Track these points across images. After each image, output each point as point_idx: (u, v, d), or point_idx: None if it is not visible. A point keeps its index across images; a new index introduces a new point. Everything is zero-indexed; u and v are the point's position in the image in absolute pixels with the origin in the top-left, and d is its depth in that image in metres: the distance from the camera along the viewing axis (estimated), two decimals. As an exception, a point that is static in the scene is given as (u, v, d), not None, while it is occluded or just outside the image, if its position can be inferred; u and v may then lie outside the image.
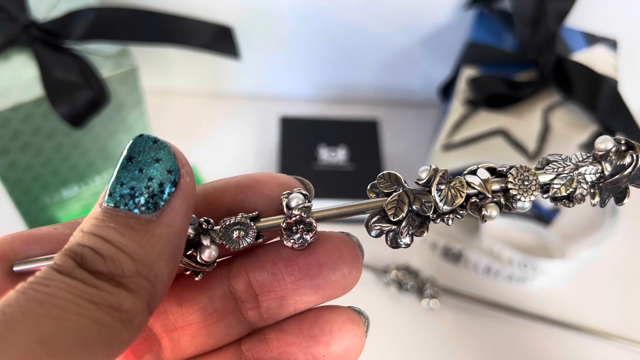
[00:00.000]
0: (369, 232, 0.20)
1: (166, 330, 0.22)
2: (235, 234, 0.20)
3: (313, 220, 0.20)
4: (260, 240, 0.21)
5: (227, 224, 0.20)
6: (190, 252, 0.20)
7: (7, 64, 0.44)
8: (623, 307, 0.53)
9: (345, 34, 0.62)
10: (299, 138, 0.59)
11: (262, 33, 0.61)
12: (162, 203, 0.18)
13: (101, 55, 0.45)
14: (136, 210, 0.17)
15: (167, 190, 0.18)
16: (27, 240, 0.20)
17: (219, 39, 0.47)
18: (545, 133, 0.48)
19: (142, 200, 0.17)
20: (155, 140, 0.18)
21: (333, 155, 0.58)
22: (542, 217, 0.56)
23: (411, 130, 0.66)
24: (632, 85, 0.55)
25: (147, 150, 0.18)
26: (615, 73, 0.51)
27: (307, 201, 0.20)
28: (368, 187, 0.21)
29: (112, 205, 0.18)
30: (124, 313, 0.16)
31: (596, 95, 0.48)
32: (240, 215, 0.20)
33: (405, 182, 0.21)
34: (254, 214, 0.20)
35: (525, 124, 0.49)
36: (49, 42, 0.44)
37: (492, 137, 0.51)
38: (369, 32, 0.61)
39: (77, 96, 0.43)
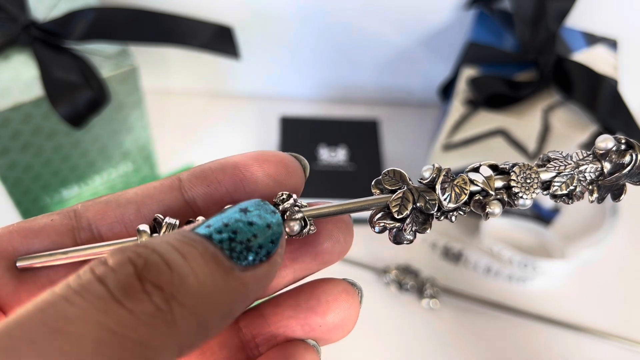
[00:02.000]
0: (373, 227, 0.21)
1: None
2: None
3: (308, 221, 0.20)
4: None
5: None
6: None
7: (7, 64, 0.44)
8: (623, 307, 0.53)
9: (346, 34, 0.62)
10: (299, 138, 0.59)
11: (262, 33, 0.61)
12: (251, 262, 0.17)
13: (101, 55, 0.45)
14: (227, 252, 0.16)
15: (262, 254, 0.17)
16: (25, 234, 0.20)
17: (219, 39, 0.47)
18: (545, 133, 0.48)
19: (238, 247, 0.16)
20: (274, 212, 0.18)
21: (333, 155, 0.58)
22: (542, 217, 0.56)
23: (411, 130, 0.66)
24: (632, 85, 0.55)
25: (263, 213, 0.18)
26: (615, 73, 0.51)
27: (295, 204, 0.20)
28: (373, 183, 0.21)
29: (207, 235, 0.16)
30: (149, 351, 0.13)
31: (596, 95, 0.48)
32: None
33: (410, 180, 0.21)
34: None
35: (525, 124, 0.49)
36: (49, 42, 0.44)
37: (492, 137, 0.51)
38: (369, 32, 0.61)
39: (77, 96, 0.43)
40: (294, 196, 0.20)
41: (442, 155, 0.54)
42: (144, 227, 0.19)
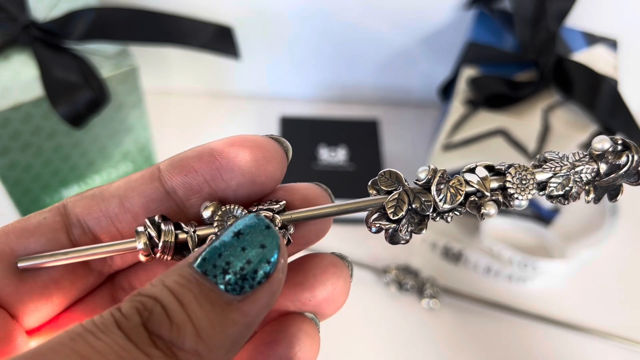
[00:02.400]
0: (369, 228, 0.21)
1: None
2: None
3: (287, 230, 0.20)
4: None
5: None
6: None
7: (7, 64, 0.44)
8: (623, 307, 0.53)
9: (346, 34, 0.62)
10: (299, 138, 0.59)
11: (262, 33, 0.61)
12: (248, 290, 0.17)
13: (101, 55, 0.45)
14: (222, 287, 0.17)
15: (257, 279, 0.17)
16: (20, 234, 0.20)
17: (219, 39, 0.47)
18: (545, 133, 0.48)
19: (233, 279, 0.17)
20: (268, 227, 0.18)
21: (333, 155, 0.58)
22: (542, 217, 0.56)
23: (411, 130, 0.66)
24: (632, 85, 0.55)
25: (257, 232, 0.18)
26: (615, 73, 0.51)
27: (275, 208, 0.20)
28: (369, 183, 0.21)
29: (202, 270, 0.17)
30: None
31: (596, 95, 0.48)
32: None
33: (405, 181, 0.21)
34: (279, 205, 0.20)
35: (525, 124, 0.49)
36: (49, 42, 0.44)
37: (492, 137, 0.51)
38: (369, 32, 0.61)
39: (77, 96, 0.43)
40: (281, 203, 0.20)
41: (442, 155, 0.54)
42: (141, 229, 0.20)
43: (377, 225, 0.20)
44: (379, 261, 0.54)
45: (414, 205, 0.20)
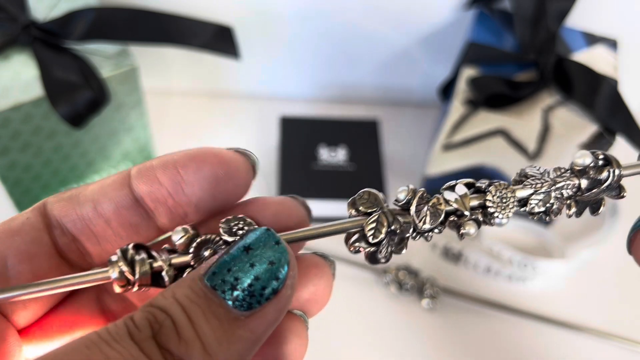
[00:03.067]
0: (348, 249, 0.20)
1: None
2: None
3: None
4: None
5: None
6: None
7: (7, 64, 0.44)
8: (623, 307, 0.53)
9: (345, 34, 0.62)
10: (299, 138, 0.59)
11: (262, 33, 0.61)
12: (256, 306, 0.17)
13: (101, 55, 0.45)
14: (230, 302, 0.17)
15: (265, 295, 0.17)
16: (5, 235, 0.20)
17: (219, 39, 0.47)
18: (545, 133, 0.48)
19: (240, 295, 0.17)
20: (278, 242, 0.18)
21: (333, 155, 0.58)
22: (542, 217, 0.56)
23: (411, 130, 0.66)
24: (632, 85, 0.55)
25: (266, 247, 0.18)
26: (615, 73, 0.51)
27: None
28: (348, 202, 0.21)
29: (212, 285, 0.17)
30: None
31: (596, 95, 0.48)
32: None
33: (385, 202, 0.21)
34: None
35: (525, 124, 0.49)
36: (49, 42, 0.44)
37: (492, 137, 0.51)
38: (369, 32, 0.61)
39: (77, 96, 0.43)
40: (247, 221, 0.20)
41: (442, 155, 0.54)
42: (115, 258, 0.19)
43: (357, 247, 0.20)
44: (379, 261, 0.54)
45: (393, 227, 0.20)
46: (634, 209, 0.59)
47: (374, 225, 0.20)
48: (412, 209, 0.20)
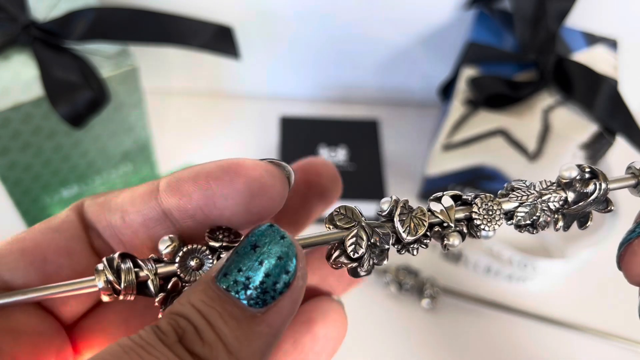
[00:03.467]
0: (330, 266, 0.20)
1: None
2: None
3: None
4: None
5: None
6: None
7: (7, 64, 0.44)
8: (623, 307, 0.53)
9: (345, 34, 0.62)
10: (299, 138, 0.59)
11: (262, 33, 0.61)
12: (270, 301, 0.17)
13: (101, 55, 0.45)
14: (245, 302, 0.17)
15: (278, 290, 0.18)
16: (45, 230, 0.20)
17: (219, 39, 0.47)
18: (545, 133, 0.48)
19: (254, 293, 0.17)
20: (283, 237, 0.18)
21: (333, 155, 0.58)
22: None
23: (411, 130, 0.66)
24: (632, 85, 0.55)
25: (272, 243, 0.18)
26: (615, 73, 0.51)
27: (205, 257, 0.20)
28: (326, 218, 0.20)
29: (225, 287, 0.17)
30: None
31: (596, 95, 0.48)
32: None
33: (361, 215, 0.20)
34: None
35: (525, 124, 0.49)
36: (49, 42, 0.44)
37: (492, 137, 0.51)
38: (369, 32, 0.61)
39: (77, 96, 0.43)
40: (232, 230, 0.20)
41: (442, 155, 0.54)
42: (101, 266, 0.19)
43: (339, 264, 0.20)
44: (379, 261, 0.54)
45: (372, 240, 0.20)
46: (634, 209, 0.59)
47: (353, 239, 0.20)
48: (396, 219, 0.20)
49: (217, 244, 0.20)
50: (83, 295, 0.21)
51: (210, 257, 0.20)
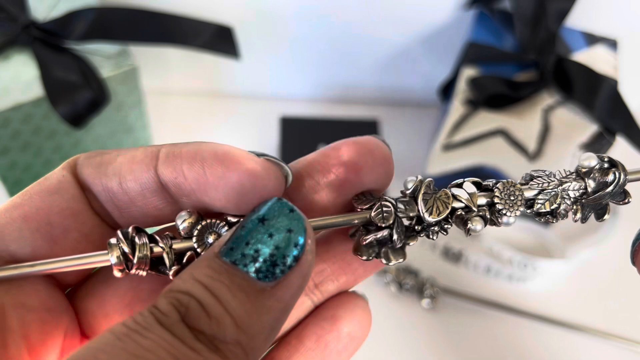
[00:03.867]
0: (361, 255, 0.20)
1: None
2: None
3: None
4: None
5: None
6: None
7: (7, 64, 0.44)
8: (623, 307, 0.53)
9: (345, 34, 0.62)
10: (299, 138, 0.59)
11: (262, 33, 0.61)
12: (280, 275, 0.17)
13: (101, 55, 0.45)
14: (253, 275, 0.17)
15: (288, 264, 0.17)
16: (44, 195, 0.19)
17: (219, 39, 0.47)
18: (545, 133, 0.48)
19: (263, 266, 0.17)
20: (292, 210, 0.18)
21: (333, 155, 0.58)
22: (542, 217, 0.56)
23: (411, 130, 0.66)
24: (632, 85, 0.55)
25: (282, 217, 0.18)
26: (615, 73, 0.51)
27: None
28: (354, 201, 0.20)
29: (231, 261, 0.17)
30: None
31: (596, 95, 0.48)
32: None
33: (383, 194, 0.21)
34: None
35: (525, 124, 0.49)
36: (49, 42, 0.44)
37: (492, 137, 0.51)
38: (369, 32, 0.61)
39: (77, 96, 0.43)
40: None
41: (442, 155, 0.54)
42: (114, 241, 0.19)
43: (369, 239, 0.20)
44: (379, 261, 0.54)
45: (399, 206, 0.20)
46: (634, 209, 0.59)
47: (379, 210, 0.20)
48: (419, 198, 0.20)
49: (235, 219, 0.19)
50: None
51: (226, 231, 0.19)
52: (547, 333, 0.51)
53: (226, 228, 0.19)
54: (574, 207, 0.21)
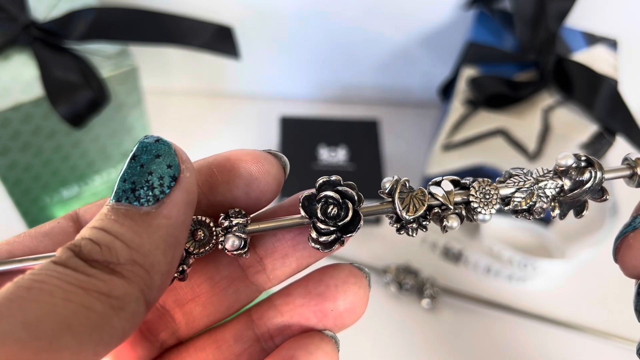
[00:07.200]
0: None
1: (178, 304, 0.23)
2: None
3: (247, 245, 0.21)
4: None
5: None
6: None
7: (7, 64, 0.44)
8: (623, 307, 0.53)
9: (345, 34, 0.62)
10: (299, 138, 0.59)
11: (262, 33, 0.61)
12: (161, 196, 0.18)
13: (101, 55, 0.45)
14: (136, 203, 0.18)
15: (166, 184, 0.18)
16: (34, 235, 0.21)
17: (219, 39, 0.47)
18: (545, 133, 0.48)
19: (142, 193, 0.18)
20: (158, 140, 0.19)
21: (333, 155, 0.58)
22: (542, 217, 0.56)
23: (411, 130, 0.66)
24: (632, 85, 0.55)
25: (149, 148, 0.19)
26: (615, 73, 0.51)
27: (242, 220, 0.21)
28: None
29: (115, 200, 0.18)
30: (115, 299, 0.16)
31: (596, 95, 0.48)
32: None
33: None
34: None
35: (525, 124, 0.49)
36: (49, 42, 0.44)
37: (492, 137, 0.51)
38: (369, 32, 0.61)
39: (77, 96, 0.43)
40: (246, 218, 0.21)
41: (442, 155, 0.54)
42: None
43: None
44: (379, 261, 0.54)
45: (346, 194, 0.21)
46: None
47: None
48: (396, 197, 0.21)
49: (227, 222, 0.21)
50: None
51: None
52: (547, 333, 0.51)
53: (240, 220, 0.21)
54: (552, 204, 0.21)
